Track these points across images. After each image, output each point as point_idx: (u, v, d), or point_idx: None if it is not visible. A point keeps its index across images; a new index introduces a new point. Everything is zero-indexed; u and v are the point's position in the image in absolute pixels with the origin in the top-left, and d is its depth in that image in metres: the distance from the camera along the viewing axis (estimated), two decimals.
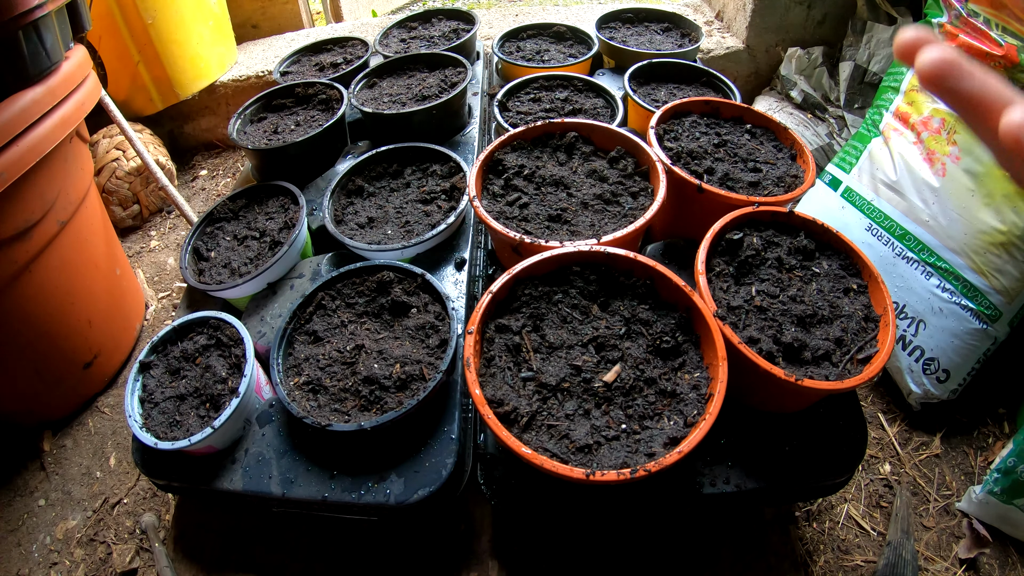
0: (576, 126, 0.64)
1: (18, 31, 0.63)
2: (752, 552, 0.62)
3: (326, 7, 1.94)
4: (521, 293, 0.48)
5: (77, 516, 0.74)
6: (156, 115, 1.29)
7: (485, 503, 0.60)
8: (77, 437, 0.83)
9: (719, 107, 0.71)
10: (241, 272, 0.64)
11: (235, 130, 0.84)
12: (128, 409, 0.53)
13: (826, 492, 0.53)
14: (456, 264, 0.64)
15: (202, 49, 1.29)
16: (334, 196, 0.70)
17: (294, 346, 0.55)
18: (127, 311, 0.94)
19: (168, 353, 0.57)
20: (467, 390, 0.48)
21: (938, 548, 0.68)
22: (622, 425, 0.40)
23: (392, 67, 0.93)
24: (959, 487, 0.74)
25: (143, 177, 1.18)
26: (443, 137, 0.84)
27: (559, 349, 0.45)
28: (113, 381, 0.90)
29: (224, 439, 0.53)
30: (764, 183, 0.61)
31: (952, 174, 0.82)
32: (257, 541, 0.64)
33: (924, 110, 0.87)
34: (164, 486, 0.57)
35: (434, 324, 0.54)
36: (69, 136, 0.74)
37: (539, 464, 0.37)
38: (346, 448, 0.51)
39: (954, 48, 0.28)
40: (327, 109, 0.86)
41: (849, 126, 1.12)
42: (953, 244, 0.82)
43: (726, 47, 1.30)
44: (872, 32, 1.12)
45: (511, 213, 0.57)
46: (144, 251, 1.16)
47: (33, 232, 0.71)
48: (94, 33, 1.13)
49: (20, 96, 0.65)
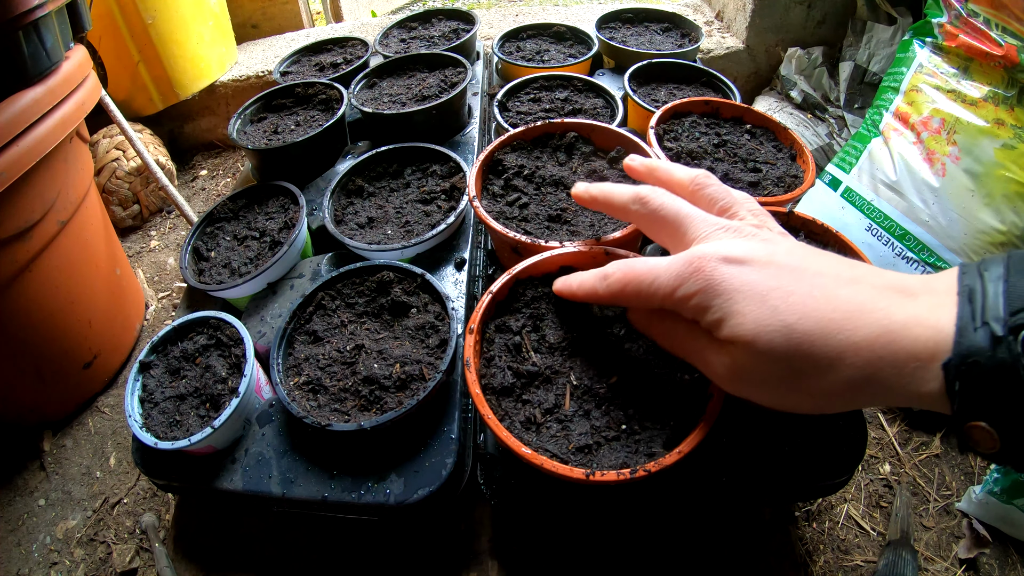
0: (576, 126, 0.64)
1: (18, 31, 0.63)
2: (752, 552, 0.62)
3: (326, 7, 1.94)
4: (521, 293, 0.48)
5: (77, 516, 0.74)
6: (156, 115, 1.29)
7: (485, 503, 0.60)
8: (77, 437, 0.83)
9: (719, 107, 0.71)
10: (241, 272, 0.64)
11: (235, 130, 0.84)
12: (128, 409, 0.53)
13: (826, 492, 0.53)
14: (456, 264, 0.64)
15: (202, 49, 1.29)
16: (334, 196, 0.70)
17: (294, 346, 0.55)
18: (127, 311, 0.94)
19: (168, 353, 0.57)
20: (467, 390, 0.48)
21: (938, 548, 0.68)
22: (622, 425, 0.40)
23: (392, 67, 0.93)
24: (959, 487, 0.74)
25: (143, 177, 1.19)
26: (443, 137, 0.84)
27: (559, 349, 0.45)
28: (113, 381, 0.90)
29: (224, 439, 0.53)
30: (764, 183, 0.61)
31: (952, 174, 0.82)
32: (257, 541, 0.64)
33: (924, 110, 0.87)
34: (164, 486, 0.57)
35: (434, 324, 0.54)
36: (69, 136, 0.74)
37: (539, 464, 0.37)
38: (346, 448, 0.51)
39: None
40: (327, 109, 0.86)
41: (849, 126, 1.12)
42: (953, 244, 0.82)
43: (726, 47, 1.30)
44: (872, 32, 1.12)
45: (511, 213, 0.57)
46: (144, 251, 1.16)
47: (33, 232, 0.71)
48: (94, 33, 1.13)
49: (20, 96, 0.65)
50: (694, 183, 0.40)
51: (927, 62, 0.89)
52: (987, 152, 0.79)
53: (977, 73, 0.84)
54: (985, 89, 0.82)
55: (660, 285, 0.34)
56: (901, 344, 0.28)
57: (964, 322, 0.27)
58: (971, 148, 0.80)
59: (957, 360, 0.26)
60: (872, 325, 0.28)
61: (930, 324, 0.27)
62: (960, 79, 0.85)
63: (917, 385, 0.28)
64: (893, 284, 0.30)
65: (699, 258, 0.33)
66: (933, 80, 0.88)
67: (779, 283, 0.31)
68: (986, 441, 0.26)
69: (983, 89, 0.82)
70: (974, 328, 0.26)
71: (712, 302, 0.32)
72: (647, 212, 0.38)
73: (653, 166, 0.45)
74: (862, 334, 0.28)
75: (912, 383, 0.28)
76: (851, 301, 0.29)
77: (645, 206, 0.38)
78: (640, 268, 0.36)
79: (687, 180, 0.41)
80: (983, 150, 0.79)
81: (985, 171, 0.79)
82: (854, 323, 0.29)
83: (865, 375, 0.28)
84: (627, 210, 0.40)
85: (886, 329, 0.28)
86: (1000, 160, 0.78)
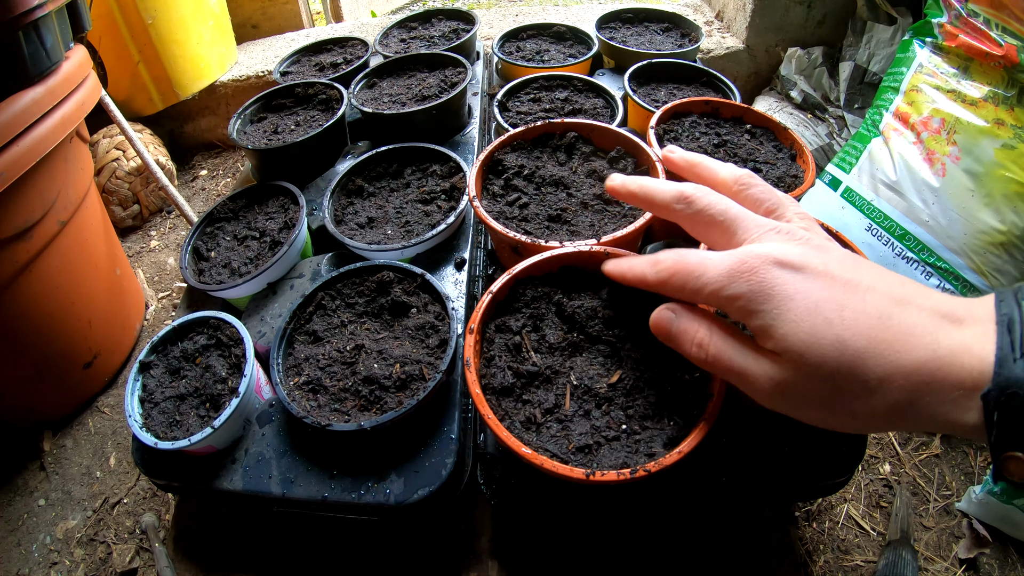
0: (576, 126, 0.64)
1: (18, 31, 0.63)
2: (752, 552, 0.62)
3: (326, 7, 1.94)
4: (521, 293, 0.48)
5: (77, 516, 0.74)
6: (156, 115, 1.29)
7: (485, 503, 0.60)
8: (77, 437, 0.83)
9: (719, 107, 0.71)
10: (241, 272, 0.64)
11: (235, 130, 0.84)
12: (128, 409, 0.53)
13: (826, 492, 0.53)
14: (456, 264, 0.64)
15: (202, 49, 1.29)
16: (334, 196, 0.70)
17: (294, 346, 0.55)
18: (127, 311, 0.94)
19: (168, 353, 0.57)
20: (467, 390, 0.48)
21: (938, 548, 0.68)
22: (622, 425, 0.40)
23: (392, 67, 0.93)
24: (959, 487, 0.74)
25: (143, 177, 1.19)
26: (443, 137, 0.84)
27: (559, 349, 0.45)
28: (113, 381, 0.90)
29: (224, 439, 0.53)
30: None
31: (952, 174, 0.82)
32: (257, 541, 0.64)
33: (924, 110, 0.87)
34: (164, 486, 0.57)
35: (434, 324, 0.54)
36: (69, 136, 0.74)
37: (539, 464, 0.37)
38: (346, 448, 0.51)
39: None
40: (327, 109, 0.86)
41: (849, 126, 1.12)
42: (953, 244, 0.82)
43: (726, 47, 1.30)
44: (872, 32, 1.12)
45: (511, 213, 0.57)
46: (144, 251, 1.16)
47: (33, 232, 0.71)
48: (94, 33, 1.13)
49: (20, 96, 0.65)
50: (738, 182, 0.39)
51: (927, 62, 0.89)
52: (987, 152, 0.79)
53: (977, 73, 0.84)
54: (985, 89, 0.82)
55: (709, 280, 0.32)
56: (948, 371, 0.28)
57: (1004, 352, 0.27)
58: (971, 148, 0.80)
59: (996, 391, 0.26)
60: (922, 349, 0.28)
61: (975, 353, 0.27)
62: (960, 79, 0.85)
63: (957, 414, 0.28)
64: (940, 308, 0.30)
65: (753, 257, 0.31)
66: (933, 80, 0.88)
67: (832, 295, 0.30)
68: (1021, 471, 0.26)
69: (983, 89, 0.82)
70: (1013, 359, 0.26)
71: (761, 306, 0.31)
72: (693, 212, 0.37)
73: (694, 161, 0.43)
74: (912, 358, 0.28)
75: (953, 411, 0.28)
76: (903, 322, 0.29)
77: (691, 206, 0.37)
78: (691, 259, 0.34)
79: (731, 179, 0.40)
80: (983, 150, 0.79)
81: (985, 171, 0.79)
82: (905, 345, 0.28)
83: (910, 400, 0.28)
84: (670, 208, 0.38)
85: (934, 355, 0.28)
86: (1000, 160, 0.78)
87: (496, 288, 0.47)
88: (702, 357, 0.34)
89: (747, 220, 0.35)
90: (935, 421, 0.28)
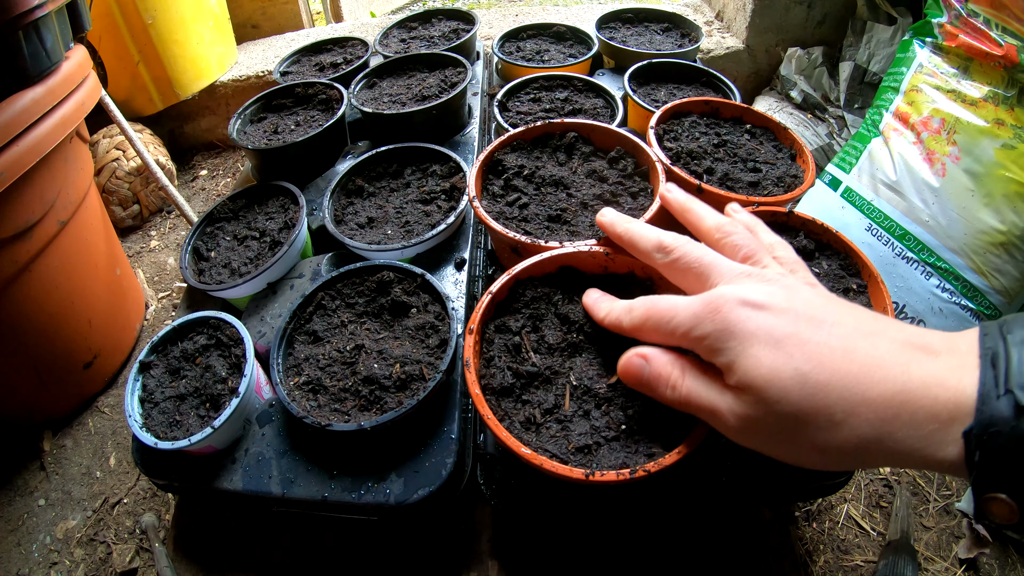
0: (576, 126, 0.64)
1: (18, 31, 0.63)
2: (751, 552, 0.62)
3: (326, 7, 1.94)
4: (521, 293, 0.48)
5: (77, 516, 0.74)
6: (156, 115, 1.29)
7: (485, 503, 0.60)
8: (77, 437, 0.83)
9: (719, 107, 0.71)
10: (241, 272, 0.64)
11: (235, 130, 0.84)
12: (128, 409, 0.53)
13: (826, 492, 0.53)
14: (456, 264, 0.64)
15: (202, 49, 1.29)
16: (334, 196, 0.70)
17: (294, 346, 0.55)
18: (127, 311, 0.94)
19: (168, 353, 0.57)
20: (467, 390, 0.48)
21: (938, 548, 0.68)
22: (622, 426, 0.40)
23: (392, 67, 0.93)
24: (959, 487, 0.74)
25: (143, 177, 1.19)
26: (443, 137, 0.84)
27: (559, 349, 0.45)
28: (113, 381, 0.90)
29: (224, 439, 0.53)
30: (764, 183, 0.61)
31: (952, 174, 0.82)
32: (257, 541, 0.64)
33: (924, 110, 0.87)
34: (164, 486, 0.57)
35: (434, 324, 0.54)
36: (69, 136, 0.74)
37: (539, 464, 0.37)
38: (346, 448, 0.51)
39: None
40: (327, 109, 0.86)
41: (849, 126, 1.12)
42: (953, 244, 0.82)
43: (726, 47, 1.30)
44: (872, 32, 1.12)
45: (511, 213, 0.57)
46: (144, 251, 1.16)
47: (33, 232, 0.71)
48: (94, 33, 1.14)
49: (20, 96, 0.65)
50: (720, 230, 0.41)
51: (927, 62, 0.89)
52: (987, 152, 0.79)
53: (977, 73, 0.84)
54: (985, 89, 0.82)
55: (679, 323, 0.34)
56: (920, 404, 0.27)
57: (987, 388, 0.26)
58: (971, 148, 0.81)
59: (979, 429, 0.25)
60: (890, 381, 0.28)
61: (951, 386, 0.27)
62: (960, 79, 0.85)
63: (934, 449, 0.27)
64: (914, 340, 0.29)
65: (718, 298, 0.33)
66: (933, 80, 0.88)
67: (796, 329, 0.30)
68: (1003, 513, 0.26)
69: (983, 89, 0.82)
70: (996, 396, 0.25)
71: (726, 344, 0.31)
72: (669, 261, 0.39)
73: (688, 207, 0.45)
74: (879, 390, 0.28)
75: (929, 446, 0.27)
76: (869, 355, 0.29)
77: (668, 255, 0.39)
78: (662, 305, 0.36)
79: (714, 227, 0.41)
80: (983, 150, 0.79)
81: (985, 171, 0.79)
82: (871, 377, 0.28)
83: (878, 433, 0.27)
84: (650, 257, 0.41)
85: (904, 387, 0.27)
86: (1000, 160, 0.78)
87: (496, 288, 0.47)
88: (675, 398, 0.35)
89: (720, 266, 0.36)
90: (910, 457, 0.27)
